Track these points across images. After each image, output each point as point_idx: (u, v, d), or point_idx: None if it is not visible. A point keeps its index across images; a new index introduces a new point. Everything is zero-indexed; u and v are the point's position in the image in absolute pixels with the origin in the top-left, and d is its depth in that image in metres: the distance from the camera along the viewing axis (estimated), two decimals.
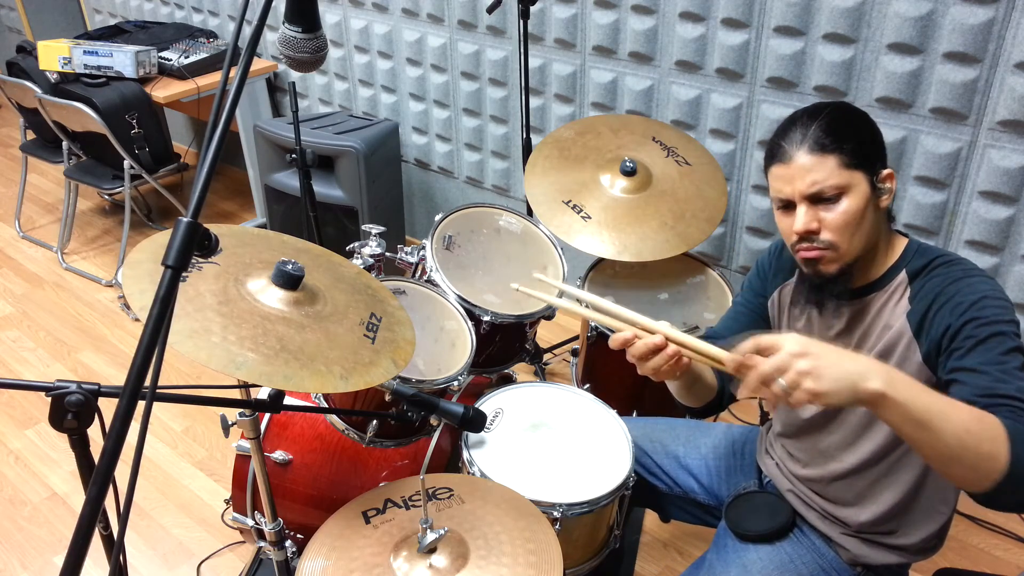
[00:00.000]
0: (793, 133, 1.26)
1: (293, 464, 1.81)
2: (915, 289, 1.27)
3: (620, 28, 2.54)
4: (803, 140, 1.24)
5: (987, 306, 1.19)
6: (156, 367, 0.80)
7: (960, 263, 1.27)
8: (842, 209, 1.23)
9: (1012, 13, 1.91)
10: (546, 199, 2.14)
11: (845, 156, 1.22)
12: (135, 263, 1.30)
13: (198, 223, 0.84)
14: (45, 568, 2.19)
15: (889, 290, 1.30)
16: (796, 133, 1.25)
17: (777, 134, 1.29)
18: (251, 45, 0.91)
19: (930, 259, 1.29)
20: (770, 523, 1.48)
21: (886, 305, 1.30)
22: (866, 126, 1.27)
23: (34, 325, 3.19)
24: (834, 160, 1.22)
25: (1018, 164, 2.02)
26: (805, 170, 1.23)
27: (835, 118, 1.25)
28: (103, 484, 0.77)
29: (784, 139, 1.27)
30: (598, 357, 2.15)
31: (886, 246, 1.32)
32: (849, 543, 1.42)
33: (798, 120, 1.27)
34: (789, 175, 1.25)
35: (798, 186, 1.24)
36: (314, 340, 1.31)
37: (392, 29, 3.16)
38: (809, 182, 1.23)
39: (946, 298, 1.22)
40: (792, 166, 1.24)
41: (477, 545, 1.34)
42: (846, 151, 1.22)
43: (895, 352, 1.28)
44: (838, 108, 1.27)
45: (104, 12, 4.41)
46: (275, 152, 3.09)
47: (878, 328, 1.31)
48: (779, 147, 1.27)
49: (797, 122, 1.27)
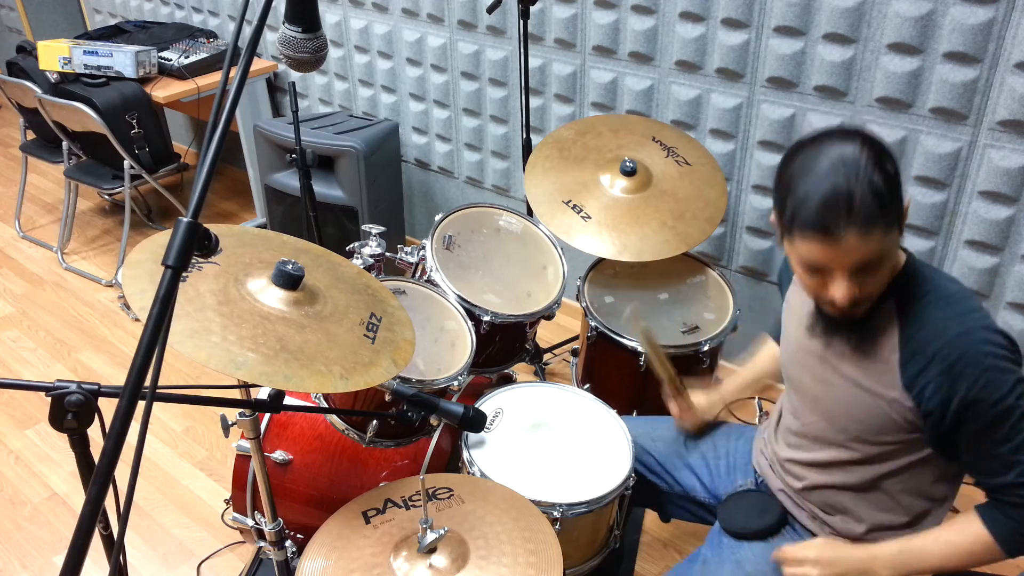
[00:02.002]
0: (833, 202, 1.11)
1: (293, 464, 1.81)
2: (905, 335, 1.24)
3: (620, 28, 2.54)
4: (851, 217, 1.11)
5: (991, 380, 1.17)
6: (156, 367, 0.80)
7: (950, 303, 1.23)
8: (883, 270, 1.20)
9: (1012, 13, 1.91)
10: (546, 199, 2.14)
11: (887, 222, 1.14)
12: (135, 263, 1.30)
13: (198, 223, 0.84)
14: (45, 568, 2.19)
15: (877, 317, 1.27)
16: (838, 204, 1.11)
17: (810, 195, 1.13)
18: (251, 45, 0.91)
19: (920, 293, 1.25)
20: (760, 521, 1.50)
21: (874, 335, 1.28)
22: (896, 178, 1.15)
23: (34, 325, 3.19)
24: (880, 231, 1.13)
25: (1018, 164, 2.02)
26: (853, 248, 1.13)
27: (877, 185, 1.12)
28: (103, 484, 0.77)
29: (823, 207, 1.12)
30: (598, 357, 2.15)
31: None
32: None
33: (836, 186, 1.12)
34: (833, 253, 1.15)
35: (845, 261, 1.15)
36: (314, 340, 1.31)
37: (392, 29, 3.16)
38: (857, 258, 1.15)
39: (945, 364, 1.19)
40: (839, 246, 1.13)
41: (477, 545, 1.34)
42: (888, 218, 1.13)
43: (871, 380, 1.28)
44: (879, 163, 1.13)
45: (104, 12, 4.41)
46: (275, 152, 3.09)
47: (860, 354, 1.30)
48: (820, 220, 1.13)
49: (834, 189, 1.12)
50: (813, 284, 1.22)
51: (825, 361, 1.35)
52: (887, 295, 1.26)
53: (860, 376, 1.30)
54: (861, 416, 1.32)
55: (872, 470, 1.36)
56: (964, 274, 2.20)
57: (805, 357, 1.40)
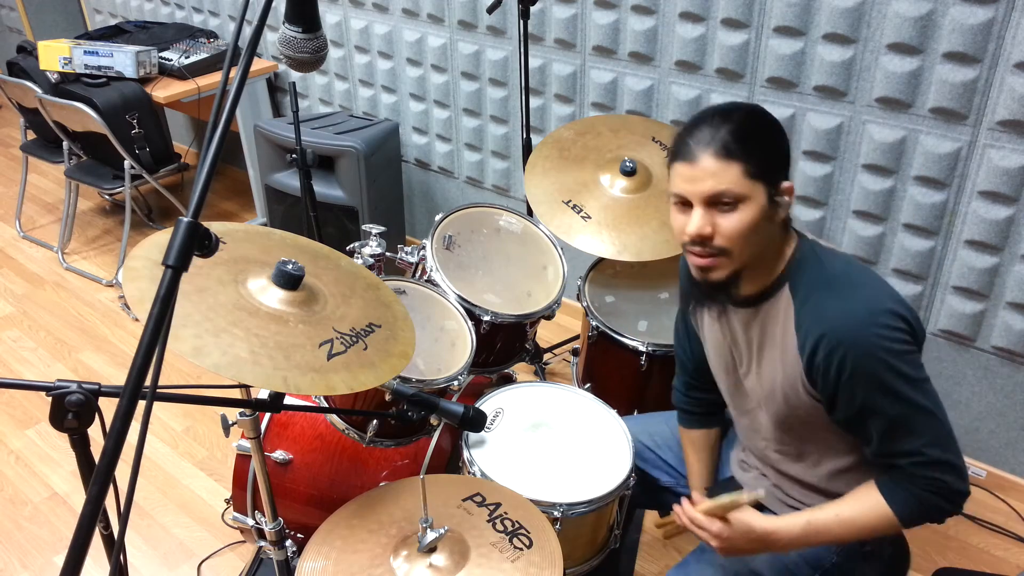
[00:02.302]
0: (701, 132, 1.22)
1: (293, 464, 1.81)
2: (799, 315, 1.27)
3: (620, 28, 2.55)
4: (710, 142, 1.21)
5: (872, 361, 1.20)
6: (156, 367, 0.80)
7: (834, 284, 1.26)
8: (737, 218, 1.22)
9: (1012, 13, 1.91)
10: (546, 199, 2.14)
11: (750, 166, 1.20)
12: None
13: (198, 223, 0.84)
14: (45, 568, 2.19)
15: (777, 304, 1.31)
16: (704, 133, 1.21)
17: (685, 130, 1.25)
18: (251, 45, 0.91)
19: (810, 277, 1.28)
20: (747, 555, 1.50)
21: (776, 320, 1.31)
22: (776, 137, 1.24)
23: (34, 325, 3.19)
24: (738, 168, 1.20)
25: (1018, 164, 2.02)
26: (708, 174, 1.21)
27: (746, 124, 1.22)
28: (103, 484, 0.77)
29: (691, 137, 1.23)
30: (598, 357, 2.15)
31: (776, 256, 1.30)
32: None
33: (708, 119, 1.23)
34: (692, 175, 1.22)
35: (699, 188, 1.22)
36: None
37: (392, 29, 3.16)
38: (710, 185, 1.21)
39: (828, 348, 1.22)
40: (696, 167, 1.22)
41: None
42: (752, 161, 1.20)
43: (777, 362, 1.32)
44: (751, 114, 1.24)
45: (104, 12, 4.41)
46: (275, 152, 3.09)
47: (772, 342, 1.33)
48: (685, 144, 1.23)
49: (707, 121, 1.23)
50: (679, 225, 1.28)
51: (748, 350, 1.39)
52: (781, 280, 1.30)
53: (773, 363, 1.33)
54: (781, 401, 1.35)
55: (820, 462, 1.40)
56: (964, 274, 2.20)
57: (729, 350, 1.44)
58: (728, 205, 1.22)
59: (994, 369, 2.27)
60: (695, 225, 1.24)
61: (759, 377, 1.38)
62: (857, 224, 2.33)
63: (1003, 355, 2.24)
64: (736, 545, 1.35)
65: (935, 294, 2.29)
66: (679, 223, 1.28)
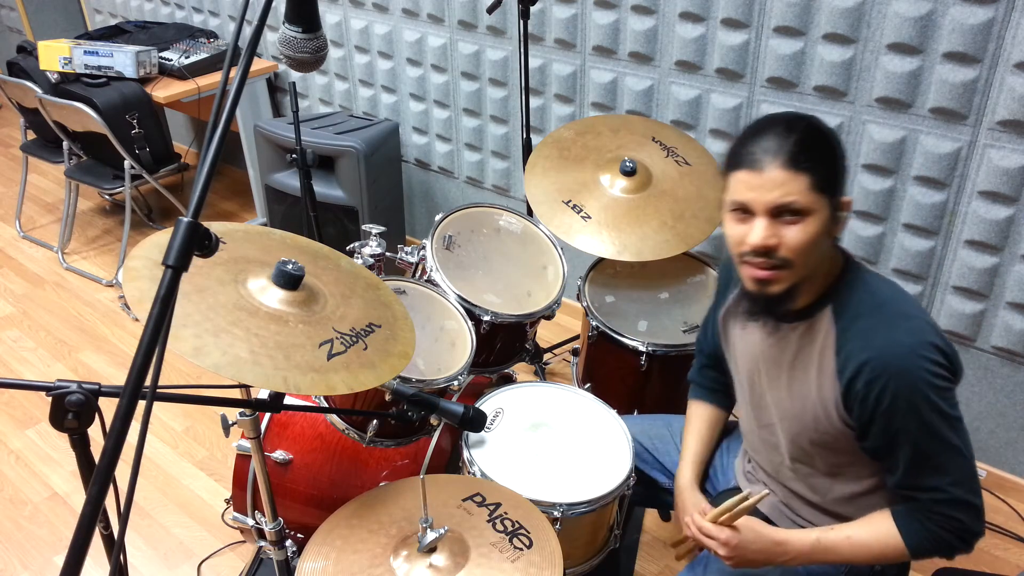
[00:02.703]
0: (768, 141, 1.19)
1: (293, 464, 1.81)
2: (840, 340, 1.26)
3: (620, 28, 2.55)
4: (779, 151, 1.18)
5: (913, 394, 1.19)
6: (156, 367, 0.80)
7: (882, 311, 1.24)
8: (803, 230, 1.19)
9: (1012, 13, 1.91)
10: (546, 199, 2.14)
11: (817, 178, 1.18)
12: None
13: (198, 223, 0.84)
14: (46, 568, 2.19)
15: (818, 324, 1.29)
16: (771, 142, 1.19)
17: (747, 137, 1.22)
18: (251, 45, 0.91)
19: (854, 300, 1.26)
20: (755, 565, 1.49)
21: (815, 340, 1.29)
22: (838, 151, 1.23)
23: (34, 325, 3.19)
24: (806, 180, 1.17)
25: (1018, 164, 2.02)
26: (776, 184, 1.18)
27: (811, 136, 1.20)
28: (103, 484, 0.77)
29: (757, 145, 1.20)
30: (598, 357, 2.15)
31: (824, 273, 1.29)
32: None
33: (772, 129, 1.20)
34: (758, 184, 1.19)
35: (766, 196, 1.19)
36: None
37: (392, 29, 3.16)
38: (777, 196, 1.18)
39: (871, 383, 1.21)
40: (762, 176, 1.18)
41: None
42: (818, 173, 1.18)
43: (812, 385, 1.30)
44: (814, 127, 1.22)
45: (104, 12, 4.41)
46: (275, 152, 3.09)
47: (807, 361, 1.31)
48: (750, 153, 1.20)
49: (770, 131, 1.20)
50: (738, 235, 1.24)
51: (778, 366, 1.36)
52: (825, 300, 1.28)
53: (806, 383, 1.31)
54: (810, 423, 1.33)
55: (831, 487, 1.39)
56: (964, 274, 2.20)
57: (759, 363, 1.41)
58: (793, 217, 1.19)
59: (994, 369, 2.27)
60: (759, 236, 1.20)
61: (789, 393, 1.35)
62: (857, 224, 2.33)
63: (1003, 355, 2.24)
64: (745, 554, 1.34)
65: (935, 294, 2.29)
66: (738, 233, 1.24)
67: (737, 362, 1.49)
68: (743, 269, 1.27)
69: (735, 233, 1.24)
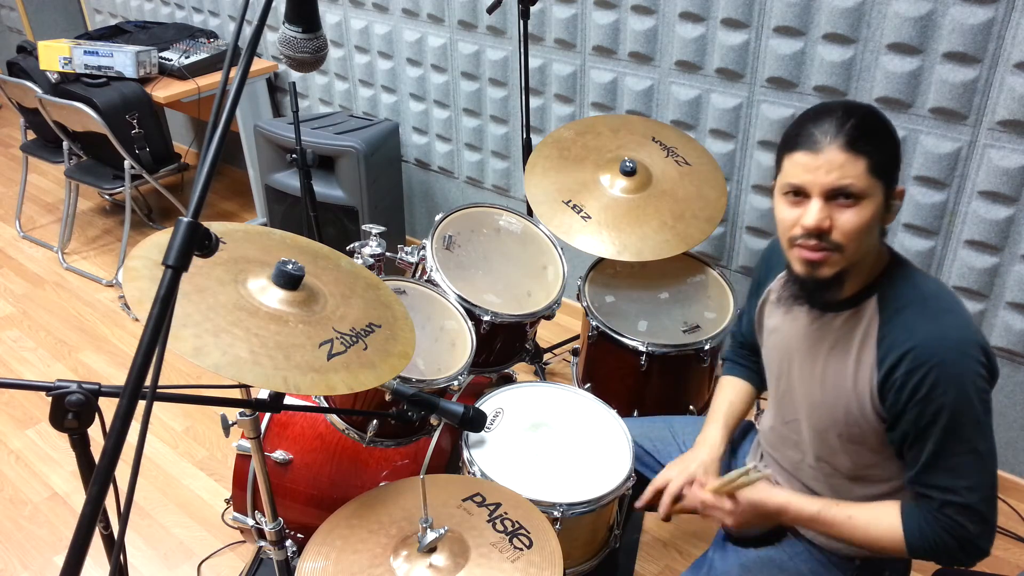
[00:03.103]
0: (827, 124, 1.18)
1: (293, 464, 1.81)
2: (883, 329, 1.25)
3: (620, 28, 2.55)
4: (839, 133, 1.17)
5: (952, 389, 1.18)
6: (156, 367, 0.80)
7: (928, 305, 1.24)
8: (857, 214, 1.18)
9: (1012, 13, 1.91)
10: (546, 199, 2.14)
11: (875, 162, 1.17)
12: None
13: (198, 223, 0.84)
14: (46, 568, 2.19)
15: (860, 314, 1.28)
16: (831, 124, 1.18)
17: (807, 120, 1.21)
18: (251, 45, 0.91)
19: (900, 292, 1.26)
20: (760, 528, 1.49)
21: (856, 330, 1.29)
22: (895, 139, 1.22)
23: (34, 325, 3.19)
24: (864, 163, 1.17)
25: (1018, 164, 2.02)
26: (835, 165, 1.17)
27: (871, 122, 1.19)
28: (103, 484, 0.77)
29: (816, 127, 1.19)
30: (598, 357, 2.15)
31: (870, 264, 1.28)
32: (835, 545, 1.43)
33: (832, 112, 1.19)
34: (815, 165, 1.18)
35: (823, 179, 1.17)
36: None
37: (392, 29, 3.16)
38: (835, 177, 1.17)
39: (910, 373, 1.20)
40: (821, 157, 1.17)
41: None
42: (876, 158, 1.17)
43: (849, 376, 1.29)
44: (874, 113, 1.21)
45: (104, 12, 4.41)
46: (275, 152, 3.09)
47: (842, 350, 1.30)
48: (810, 134, 1.19)
49: (831, 114, 1.19)
50: (791, 218, 1.23)
51: (813, 356, 1.36)
52: (870, 290, 1.27)
53: (842, 372, 1.30)
54: (840, 415, 1.32)
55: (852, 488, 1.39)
56: (964, 274, 2.20)
57: (792, 354, 1.41)
58: (848, 200, 1.18)
59: None
60: (814, 217, 1.19)
61: (822, 384, 1.34)
62: None
63: (1003, 355, 2.24)
64: (748, 519, 1.37)
65: None
66: (790, 216, 1.23)
67: (770, 353, 1.48)
68: (793, 252, 1.26)
69: (788, 216, 1.23)
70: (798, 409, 1.41)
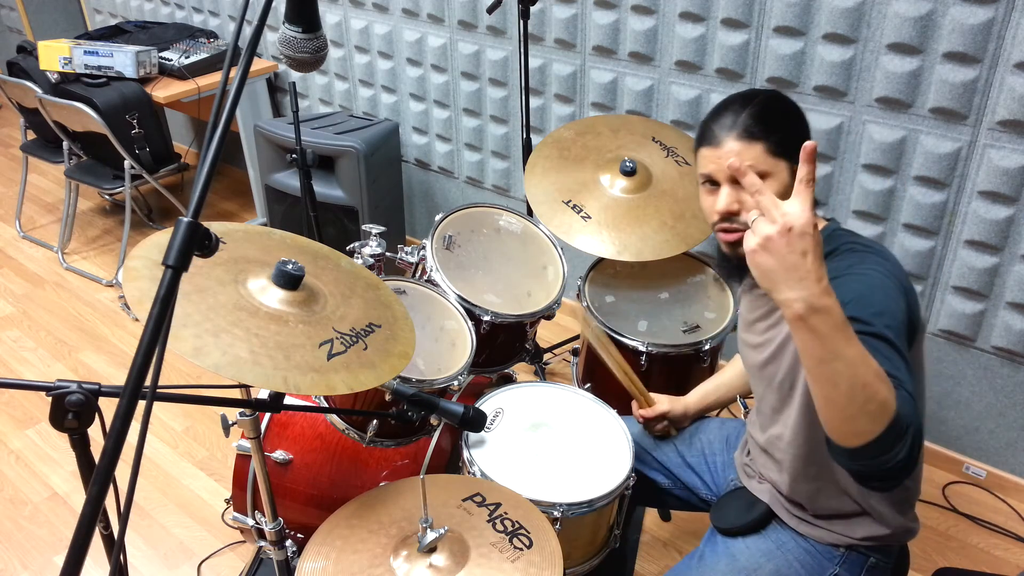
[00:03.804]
0: (724, 118, 1.32)
1: (293, 464, 1.81)
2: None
3: (620, 28, 2.55)
4: (732, 126, 1.30)
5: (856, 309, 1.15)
6: (156, 367, 0.80)
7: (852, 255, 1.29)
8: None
9: (1012, 13, 1.91)
10: (546, 199, 2.14)
11: (771, 145, 1.28)
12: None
13: (198, 223, 0.84)
14: (46, 568, 2.19)
15: None
16: (727, 119, 1.31)
17: (709, 117, 1.35)
18: (251, 45, 0.91)
19: (835, 247, 1.32)
20: (745, 517, 1.51)
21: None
22: (794, 118, 1.33)
23: (35, 325, 3.19)
24: (760, 147, 1.28)
25: (1018, 164, 2.02)
26: (732, 153, 1.29)
27: (766, 108, 1.31)
28: (103, 484, 0.77)
29: (715, 123, 1.33)
30: (598, 357, 2.15)
31: None
32: (817, 533, 1.44)
33: (730, 106, 1.32)
34: (716, 156, 1.31)
35: (724, 166, 1.30)
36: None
37: (392, 29, 3.16)
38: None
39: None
40: (721, 149, 1.31)
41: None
42: (772, 140, 1.28)
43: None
44: (770, 98, 1.33)
45: (104, 12, 4.41)
46: (275, 152, 3.09)
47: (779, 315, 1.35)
48: (709, 130, 1.33)
49: (729, 108, 1.32)
50: (708, 205, 1.36)
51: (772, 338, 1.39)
52: None
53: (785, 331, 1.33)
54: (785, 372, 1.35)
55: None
56: (964, 274, 2.20)
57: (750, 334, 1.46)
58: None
59: (994, 369, 2.27)
60: (723, 202, 1.32)
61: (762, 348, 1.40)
62: (857, 224, 2.33)
63: (1003, 355, 2.24)
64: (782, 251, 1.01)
65: (935, 294, 2.29)
66: (708, 204, 1.36)
67: (742, 340, 1.54)
68: (718, 235, 1.38)
69: (706, 204, 1.37)
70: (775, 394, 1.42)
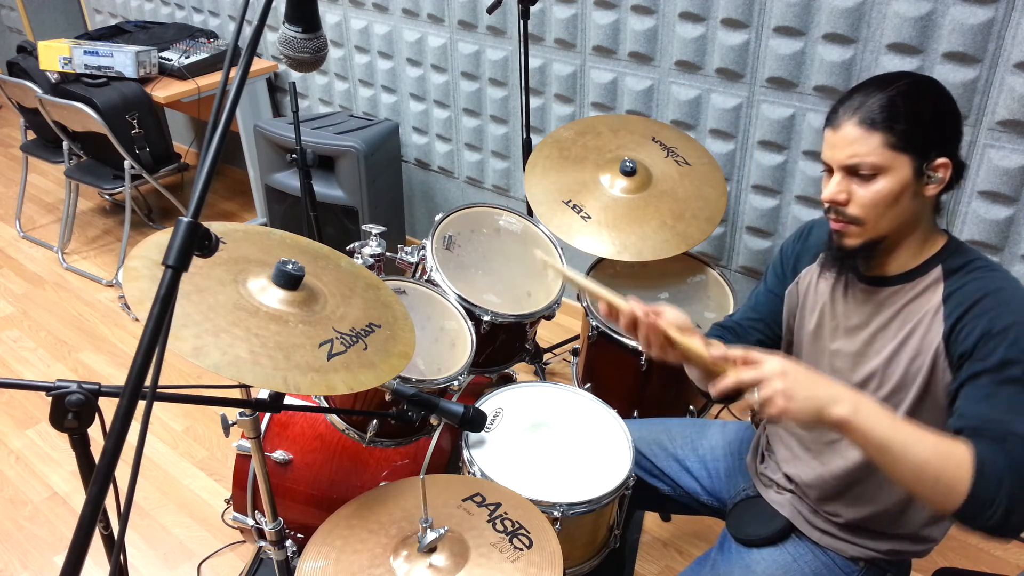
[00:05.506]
0: (854, 100, 1.22)
1: (293, 464, 1.81)
2: (950, 287, 1.24)
3: (620, 28, 2.55)
4: (856, 111, 1.21)
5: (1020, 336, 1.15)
6: (156, 367, 0.80)
7: (998, 270, 1.24)
8: (874, 188, 1.21)
9: (1012, 13, 1.91)
10: (546, 199, 2.14)
11: (893, 137, 1.19)
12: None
13: (198, 223, 0.84)
14: (46, 568, 2.19)
15: (921, 284, 1.28)
16: (855, 101, 1.22)
17: (842, 97, 1.25)
18: (251, 45, 0.91)
19: (968, 259, 1.26)
20: (765, 529, 1.49)
21: (916, 299, 1.28)
22: (933, 109, 1.21)
23: (35, 325, 3.19)
24: (879, 139, 1.19)
25: (1018, 164, 2.02)
26: (848, 141, 1.21)
27: (902, 95, 1.19)
28: (103, 484, 0.77)
29: (842, 104, 1.24)
30: (598, 357, 2.15)
31: (923, 237, 1.28)
32: (839, 545, 1.43)
33: (866, 87, 1.22)
34: (833, 142, 1.23)
35: (837, 155, 1.22)
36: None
37: (392, 29, 3.16)
38: (848, 154, 1.21)
39: (983, 310, 1.19)
40: (838, 134, 1.22)
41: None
42: (895, 132, 1.19)
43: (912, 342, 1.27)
44: (913, 84, 1.21)
45: (104, 12, 4.41)
46: (275, 152, 3.09)
47: (901, 320, 1.29)
48: (835, 111, 1.24)
49: (863, 89, 1.22)
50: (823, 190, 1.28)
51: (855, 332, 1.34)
52: (933, 262, 1.28)
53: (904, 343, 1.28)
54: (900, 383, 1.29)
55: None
56: None
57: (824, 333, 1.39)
58: (866, 176, 1.21)
59: None
60: (830, 191, 1.25)
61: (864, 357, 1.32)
62: None
63: None
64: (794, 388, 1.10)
65: None
66: (823, 189, 1.28)
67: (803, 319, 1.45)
68: (829, 222, 1.30)
69: (823, 189, 1.29)
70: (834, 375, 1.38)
